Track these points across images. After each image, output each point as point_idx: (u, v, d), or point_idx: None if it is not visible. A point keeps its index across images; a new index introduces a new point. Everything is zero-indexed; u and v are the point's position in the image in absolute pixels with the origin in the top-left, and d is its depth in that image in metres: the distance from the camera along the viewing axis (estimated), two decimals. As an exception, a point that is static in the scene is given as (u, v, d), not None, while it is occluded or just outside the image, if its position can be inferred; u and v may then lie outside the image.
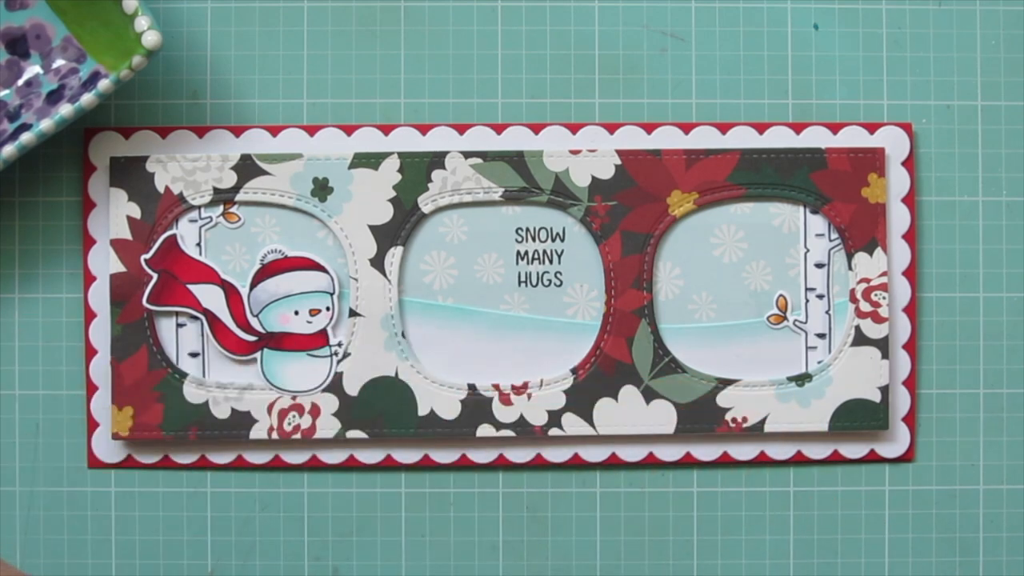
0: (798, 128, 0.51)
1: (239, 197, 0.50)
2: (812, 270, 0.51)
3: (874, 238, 0.51)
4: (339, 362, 0.50)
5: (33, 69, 0.49)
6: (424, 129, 0.51)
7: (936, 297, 0.52)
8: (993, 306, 0.52)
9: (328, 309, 0.50)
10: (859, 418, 0.51)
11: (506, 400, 0.50)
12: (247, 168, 0.50)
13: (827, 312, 0.51)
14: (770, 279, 0.51)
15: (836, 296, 0.51)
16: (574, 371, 0.51)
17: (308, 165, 0.51)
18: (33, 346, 0.51)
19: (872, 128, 0.51)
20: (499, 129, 0.51)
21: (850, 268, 0.51)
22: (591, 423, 0.51)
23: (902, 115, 0.52)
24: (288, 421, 0.50)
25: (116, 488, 0.51)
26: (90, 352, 0.51)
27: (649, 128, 0.51)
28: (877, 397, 0.51)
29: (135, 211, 0.50)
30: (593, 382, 0.50)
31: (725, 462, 0.51)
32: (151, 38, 0.46)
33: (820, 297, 0.51)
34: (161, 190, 0.50)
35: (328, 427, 0.50)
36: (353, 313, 0.50)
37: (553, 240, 0.51)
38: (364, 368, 0.50)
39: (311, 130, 0.51)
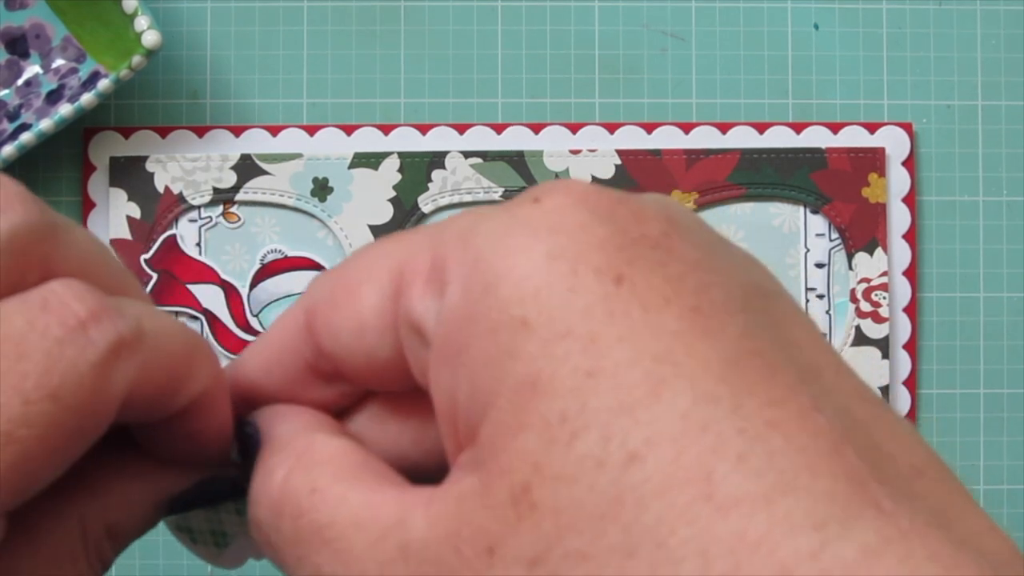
0: (798, 128, 0.51)
1: (239, 197, 0.50)
2: (812, 270, 0.51)
3: (874, 238, 0.51)
4: (339, 362, 0.50)
5: (33, 69, 0.49)
6: (424, 129, 0.51)
7: (936, 297, 0.52)
8: (993, 306, 0.52)
9: (328, 309, 0.50)
10: (859, 418, 0.51)
11: (506, 400, 0.50)
12: (247, 168, 0.50)
13: (827, 312, 0.51)
14: (770, 279, 0.51)
15: (836, 296, 0.51)
16: (574, 371, 0.51)
17: (308, 165, 0.50)
18: (33, 346, 0.51)
19: (872, 128, 0.51)
20: (499, 129, 0.51)
21: (850, 268, 0.51)
22: (591, 423, 0.51)
23: (902, 115, 0.52)
24: (288, 421, 0.50)
25: (116, 488, 0.51)
26: (90, 352, 0.51)
27: (649, 128, 0.51)
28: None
29: (135, 211, 0.50)
30: (593, 382, 0.50)
31: (725, 462, 0.51)
32: (151, 38, 0.46)
33: (820, 297, 0.51)
34: (161, 190, 0.50)
35: (328, 427, 0.50)
36: (353, 313, 0.50)
37: (553, 240, 0.51)
38: (364, 368, 0.50)
39: (311, 130, 0.51)
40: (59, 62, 0.49)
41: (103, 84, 0.46)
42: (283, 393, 0.23)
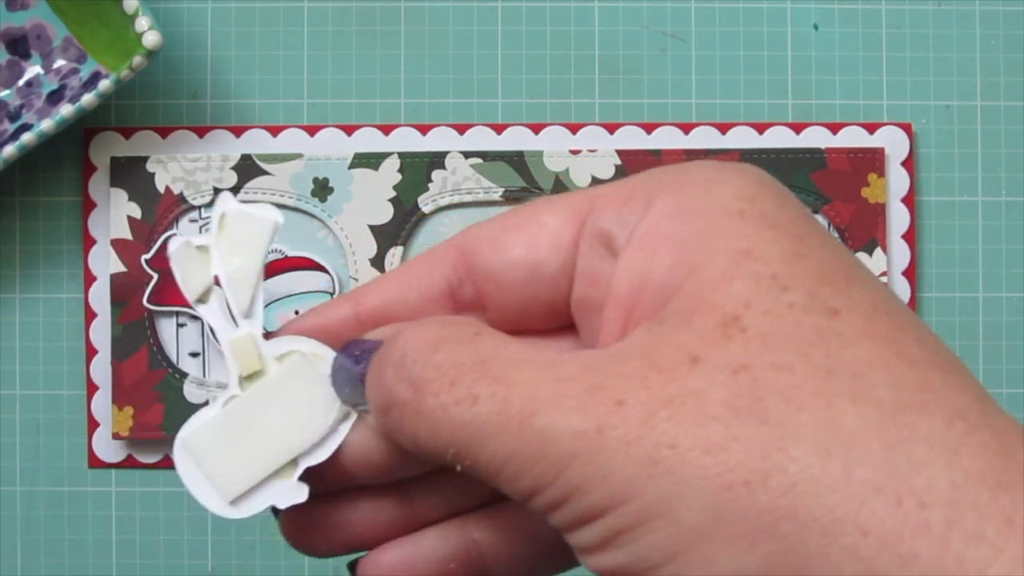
0: (798, 128, 0.51)
1: (239, 197, 0.50)
2: (812, 270, 0.51)
3: (874, 238, 0.51)
4: (339, 362, 0.50)
5: (34, 69, 0.49)
6: (424, 129, 0.51)
7: (935, 297, 0.52)
8: (992, 306, 0.52)
9: (328, 309, 0.50)
10: (859, 418, 0.51)
11: (506, 400, 0.50)
12: (247, 168, 0.50)
13: (827, 312, 0.51)
14: (770, 279, 0.51)
15: (836, 296, 0.51)
16: (574, 371, 0.51)
17: (308, 165, 0.51)
18: (34, 346, 0.51)
19: (872, 128, 0.51)
20: (499, 129, 0.51)
21: (850, 268, 0.51)
22: (591, 423, 0.51)
23: (902, 115, 0.52)
24: (288, 421, 0.50)
25: (117, 488, 0.51)
26: (91, 352, 0.51)
27: (649, 128, 0.51)
28: (877, 397, 0.51)
29: (135, 211, 0.50)
30: (593, 382, 0.50)
31: (725, 462, 0.51)
32: (152, 38, 0.46)
33: (820, 297, 0.51)
34: (161, 190, 0.50)
35: (328, 427, 0.50)
36: (353, 313, 0.50)
37: (553, 240, 0.51)
38: (364, 368, 0.50)
39: (311, 130, 0.51)
40: (60, 62, 0.49)
41: (104, 84, 0.47)
42: (406, 316, 0.24)
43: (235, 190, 0.50)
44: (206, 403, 0.51)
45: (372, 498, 0.25)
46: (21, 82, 0.49)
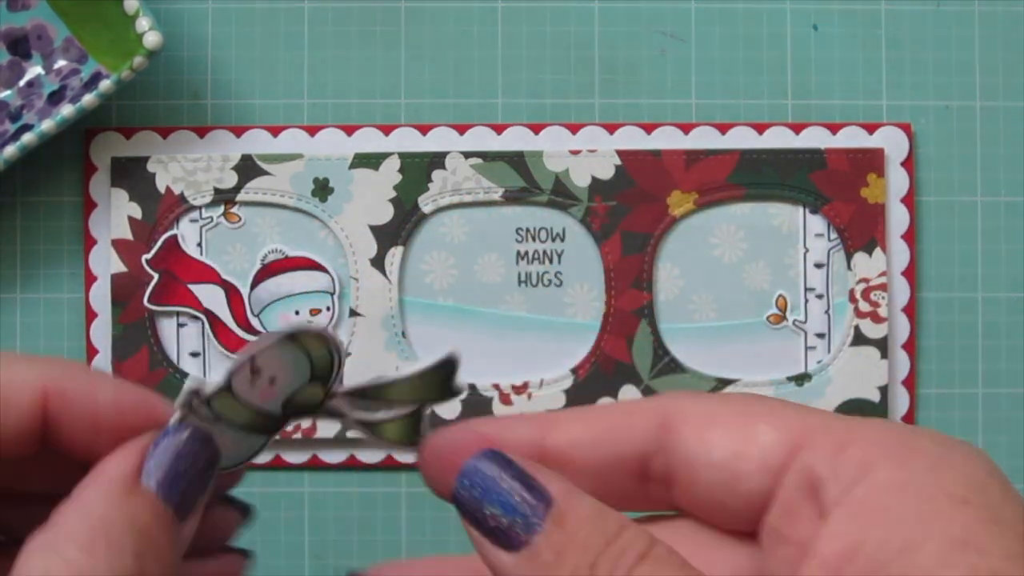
0: (797, 128, 0.51)
1: (240, 197, 0.51)
2: (811, 270, 0.51)
3: (873, 238, 0.51)
4: (340, 362, 0.50)
5: (35, 70, 0.49)
6: (424, 129, 0.51)
7: (935, 297, 0.52)
8: (992, 306, 0.52)
9: (328, 309, 0.51)
10: (858, 418, 0.51)
11: (506, 400, 0.51)
12: (248, 168, 0.51)
13: (826, 312, 0.51)
14: (769, 279, 0.51)
15: (835, 296, 0.51)
16: (574, 371, 0.51)
17: (309, 165, 0.51)
18: (34, 346, 0.51)
19: (871, 128, 0.51)
20: (499, 129, 0.51)
21: (849, 268, 0.51)
22: (591, 423, 0.51)
23: (901, 115, 0.52)
24: (289, 421, 0.50)
25: (117, 488, 0.51)
26: (91, 352, 0.51)
27: (649, 128, 0.51)
28: (876, 397, 0.51)
29: (136, 211, 0.50)
30: (593, 382, 0.51)
31: (725, 462, 0.51)
32: (152, 39, 0.46)
33: (819, 297, 0.51)
34: (162, 190, 0.50)
35: (329, 427, 0.50)
36: (353, 313, 0.50)
37: (553, 240, 0.51)
38: (364, 368, 0.50)
39: (311, 130, 0.51)
40: (61, 63, 0.49)
41: (104, 85, 0.47)
42: (590, 465, 0.24)
43: (236, 190, 0.50)
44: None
45: None
46: (22, 82, 0.49)
